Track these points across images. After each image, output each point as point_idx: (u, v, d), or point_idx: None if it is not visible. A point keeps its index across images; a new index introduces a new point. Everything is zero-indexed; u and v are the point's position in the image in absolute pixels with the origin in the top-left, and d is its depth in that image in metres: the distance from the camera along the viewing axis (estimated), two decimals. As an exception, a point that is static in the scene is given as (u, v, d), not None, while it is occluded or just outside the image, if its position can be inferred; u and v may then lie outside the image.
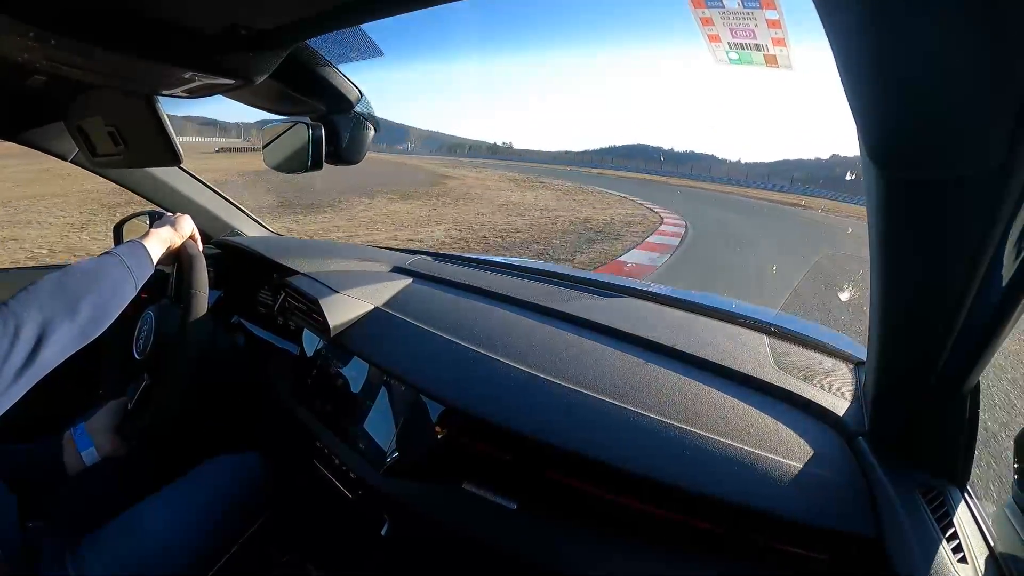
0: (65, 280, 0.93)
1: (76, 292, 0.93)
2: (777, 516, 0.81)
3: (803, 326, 1.38)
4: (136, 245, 1.11)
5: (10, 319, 0.83)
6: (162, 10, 0.68)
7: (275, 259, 1.71)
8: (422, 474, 1.10)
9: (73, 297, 0.92)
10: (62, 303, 0.89)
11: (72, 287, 0.93)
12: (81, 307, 0.92)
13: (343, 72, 1.05)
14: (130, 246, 1.10)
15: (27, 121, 1.34)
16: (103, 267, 1.00)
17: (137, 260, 1.07)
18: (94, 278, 0.97)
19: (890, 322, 0.70)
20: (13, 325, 0.83)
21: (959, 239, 0.51)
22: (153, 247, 1.14)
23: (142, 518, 1.15)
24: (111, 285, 0.99)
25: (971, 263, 0.53)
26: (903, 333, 0.71)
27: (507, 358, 1.18)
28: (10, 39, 0.68)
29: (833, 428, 0.99)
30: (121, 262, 1.03)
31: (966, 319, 0.61)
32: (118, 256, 1.04)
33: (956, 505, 0.77)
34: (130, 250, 1.09)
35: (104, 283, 0.98)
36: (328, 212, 13.11)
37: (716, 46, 0.65)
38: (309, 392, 1.42)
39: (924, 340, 0.68)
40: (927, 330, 0.66)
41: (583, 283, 1.70)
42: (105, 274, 0.99)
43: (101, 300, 0.96)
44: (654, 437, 0.95)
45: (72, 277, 0.94)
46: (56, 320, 0.87)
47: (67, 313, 0.89)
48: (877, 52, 0.36)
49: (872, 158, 0.46)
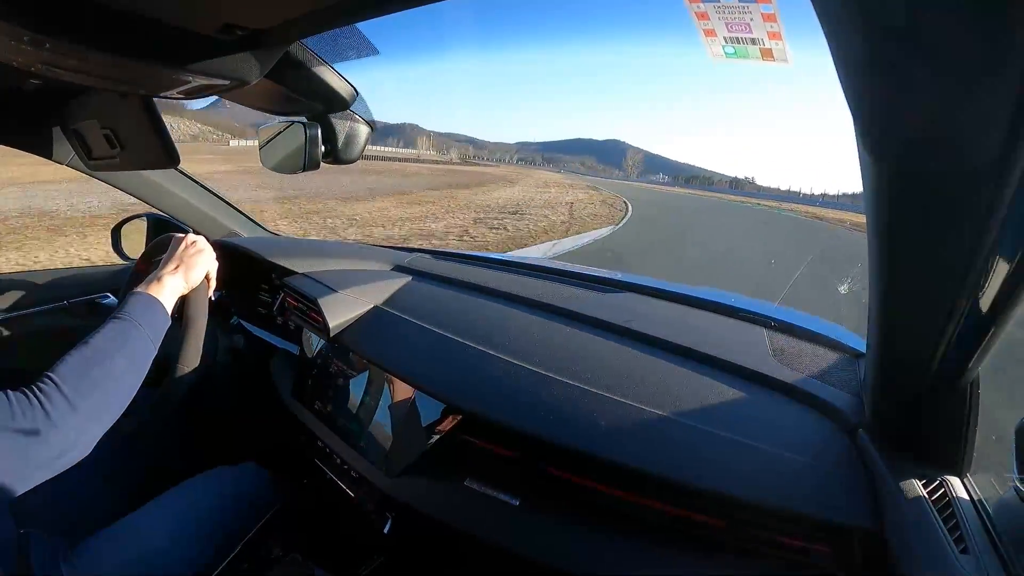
0: (88, 358, 0.89)
1: (99, 375, 0.89)
2: (778, 509, 0.82)
3: (802, 319, 1.38)
4: (151, 302, 1.04)
5: (37, 403, 0.80)
6: (157, 12, 0.68)
7: (273, 259, 1.70)
8: (424, 472, 1.10)
9: (99, 378, 0.88)
10: (88, 385, 0.86)
11: (96, 368, 0.88)
12: (108, 386, 0.89)
13: (339, 71, 1.04)
14: (145, 304, 1.03)
15: (22, 124, 1.34)
16: (123, 336, 0.95)
17: (153, 318, 1.02)
18: (116, 351, 0.93)
19: (889, 314, 0.70)
20: (43, 412, 0.80)
21: (958, 230, 0.51)
22: (167, 298, 1.08)
23: (137, 526, 1.15)
24: (131, 354, 0.95)
25: (970, 254, 0.52)
26: (902, 325, 0.71)
27: (507, 355, 1.18)
28: (4, 42, 0.68)
29: (833, 420, 0.99)
30: (139, 328, 0.98)
31: (966, 310, 0.61)
32: (135, 322, 0.98)
33: (957, 495, 0.77)
34: (145, 308, 1.02)
35: (126, 356, 0.94)
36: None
37: (712, 40, 0.65)
38: (310, 391, 1.43)
39: (924, 332, 0.68)
40: (926, 322, 0.66)
41: (582, 279, 1.70)
42: (125, 344, 0.95)
43: (125, 375, 0.93)
44: (654, 432, 0.96)
45: (95, 354, 0.90)
46: (84, 408, 0.84)
47: (96, 396, 0.86)
48: (872, 43, 0.36)
49: (868, 149, 0.46)
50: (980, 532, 0.72)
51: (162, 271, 1.12)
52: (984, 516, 0.75)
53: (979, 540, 0.71)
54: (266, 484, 1.41)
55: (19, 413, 0.77)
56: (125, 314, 0.98)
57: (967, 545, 0.70)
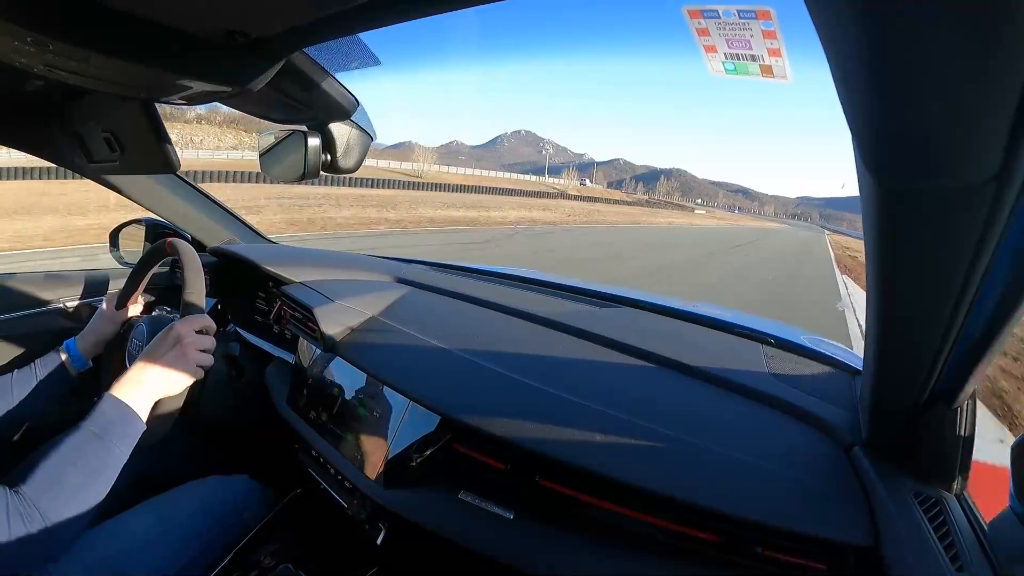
0: (54, 477, 0.87)
1: (75, 484, 0.88)
2: (774, 526, 0.81)
3: (799, 336, 1.39)
4: (124, 414, 0.98)
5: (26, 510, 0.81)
6: (160, 16, 0.68)
7: (271, 268, 1.70)
8: (418, 483, 1.10)
9: (62, 495, 0.86)
10: (48, 500, 0.84)
11: (57, 487, 0.86)
12: (72, 503, 0.87)
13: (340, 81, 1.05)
14: (117, 415, 0.97)
15: (23, 126, 1.34)
16: (93, 455, 0.92)
17: (124, 429, 0.96)
18: (85, 469, 0.90)
19: (886, 332, 0.70)
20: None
21: (955, 249, 0.51)
22: (142, 403, 1.01)
23: (119, 528, 1.14)
24: (97, 471, 0.92)
25: (967, 273, 0.52)
26: (899, 343, 0.71)
27: (503, 368, 1.18)
28: (7, 43, 0.68)
29: (830, 437, 0.99)
30: (109, 446, 0.93)
31: (962, 329, 0.61)
32: (108, 440, 0.94)
33: (953, 513, 0.78)
34: (117, 421, 0.96)
35: (91, 473, 0.91)
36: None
37: (712, 56, 0.66)
38: (305, 400, 1.42)
39: (920, 349, 0.68)
40: (923, 340, 0.66)
41: (579, 293, 1.71)
42: (94, 458, 0.92)
43: (89, 491, 0.90)
44: (649, 447, 0.96)
45: (67, 467, 0.88)
46: (43, 521, 0.83)
47: (59, 511, 0.85)
48: (871, 61, 0.36)
49: (867, 168, 0.46)
50: (976, 550, 0.73)
51: (143, 367, 1.03)
52: (980, 534, 0.76)
53: (974, 558, 0.71)
54: (258, 493, 1.39)
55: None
56: (98, 428, 0.93)
57: (962, 563, 0.70)
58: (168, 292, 1.83)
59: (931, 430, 0.79)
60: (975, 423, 0.78)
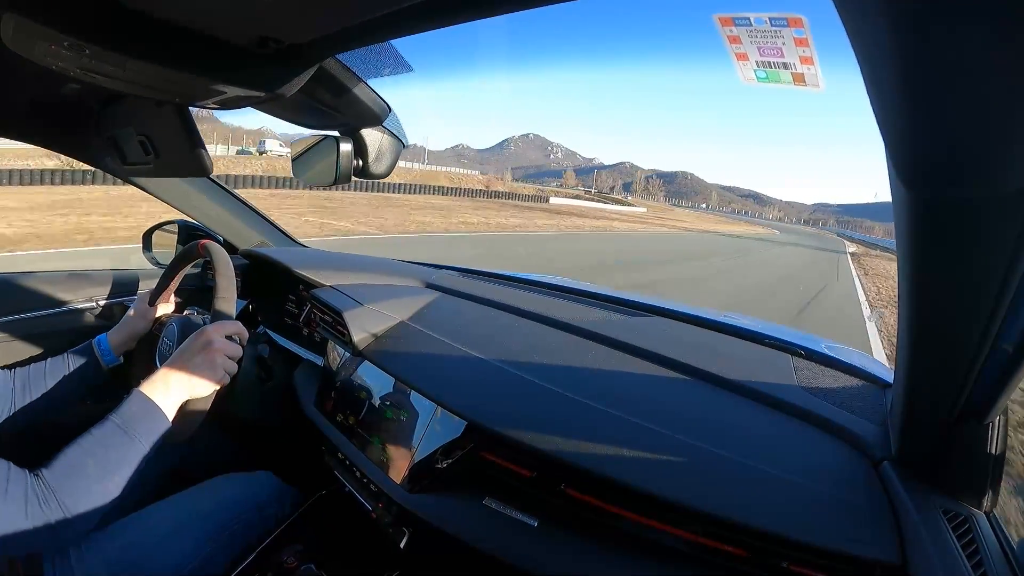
0: (77, 464, 0.89)
1: (95, 474, 0.89)
2: (801, 540, 0.80)
3: (830, 347, 1.37)
4: (150, 411, 0.99)
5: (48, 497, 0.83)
6: (195, 23, 0.69)
7: (301, 271, 1.72)
8: (443, 489, 1.10)
9: (94, 477, 0.89)
10: (69, 487, 0.86)
11: (89, 472, 0.89)
12: (99, 483, 0.89)
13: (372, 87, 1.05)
14: (144, 411, 0.98)
15: (60, 128, 1.37)
16: (116, 448, 0.93)
17: (149, 426, 0.97)
18: (107, 462, 0.91)
19: (918, 346, 0.69)
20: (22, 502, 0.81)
21: (988, 261, 0.50)
22: (170, 403, 1.02)
23: (149, 518, 1.15)
24: (121, 460, 0.93)
25: (1002, 284, 0.52)
26: (931, 356, 0.70)
27: (531, 375, 1.17)
28: (44, 47, 0.69)
29: (858, 451, 0.98)
30: (131, 441, 0.94)
31: (996, 342, 0.60)
32: (132, 435, 0.95)
33: (982, 532, 0.76)
34: (143, 416, 0.98)
35: (112, 468, 0.92)
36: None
37: (744, 64, 0.65)
38: (333, 403, 1.42)
39: (952, 364, 0.67)
40: (956, 353, 0.65)
41: (609, 301, 1.69)
42: (115, 452, 0.93)
43: (111, 482, 0.91)
44: (678, 458, 0.95)
45: (88, 458, 0.90)
46: (61, 509, 0.84)
47: (92, 485, 0.88)
48: (906, 70, 0.36)
49: (900, 177, 0.46)
50: (1004, 569, 0.71)
51: (171, 369, 1.05)
52: (1008, 552, 0.75)
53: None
54: (282, 493, 1.40)
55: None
56: (124, 422, 0.95)
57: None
58: (198, 293, 1.85)
59: (961, 446, 0.78)
60: (1007, 439, 0.76)
